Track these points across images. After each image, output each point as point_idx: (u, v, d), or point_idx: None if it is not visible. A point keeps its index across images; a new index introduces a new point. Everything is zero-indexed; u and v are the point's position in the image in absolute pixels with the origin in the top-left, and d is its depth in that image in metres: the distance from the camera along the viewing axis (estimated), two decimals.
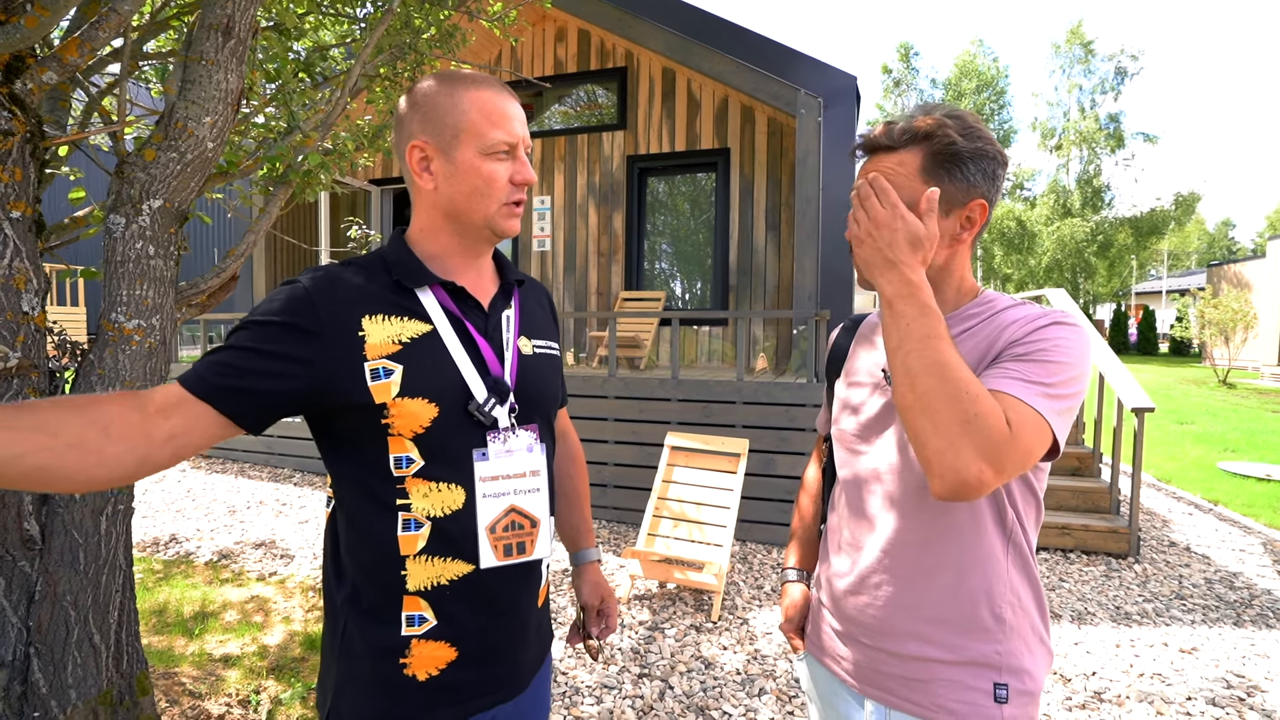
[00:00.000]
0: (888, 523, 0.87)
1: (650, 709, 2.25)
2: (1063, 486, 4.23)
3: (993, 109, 25.30)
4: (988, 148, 0.83)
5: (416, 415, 0.79)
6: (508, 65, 6.75)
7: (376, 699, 0.81)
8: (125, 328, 1.71)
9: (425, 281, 0.85)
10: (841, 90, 4.62)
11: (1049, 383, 0.74)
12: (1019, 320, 0.81)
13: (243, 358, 0.75)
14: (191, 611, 2.78)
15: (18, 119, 1.58)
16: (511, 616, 0.88)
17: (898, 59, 26.07)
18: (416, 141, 0.85)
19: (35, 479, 0.64)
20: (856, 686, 0.90)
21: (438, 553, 0.82)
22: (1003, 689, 0.81)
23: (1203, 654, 2.78)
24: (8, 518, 1.54)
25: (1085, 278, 23.66)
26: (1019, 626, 0.83)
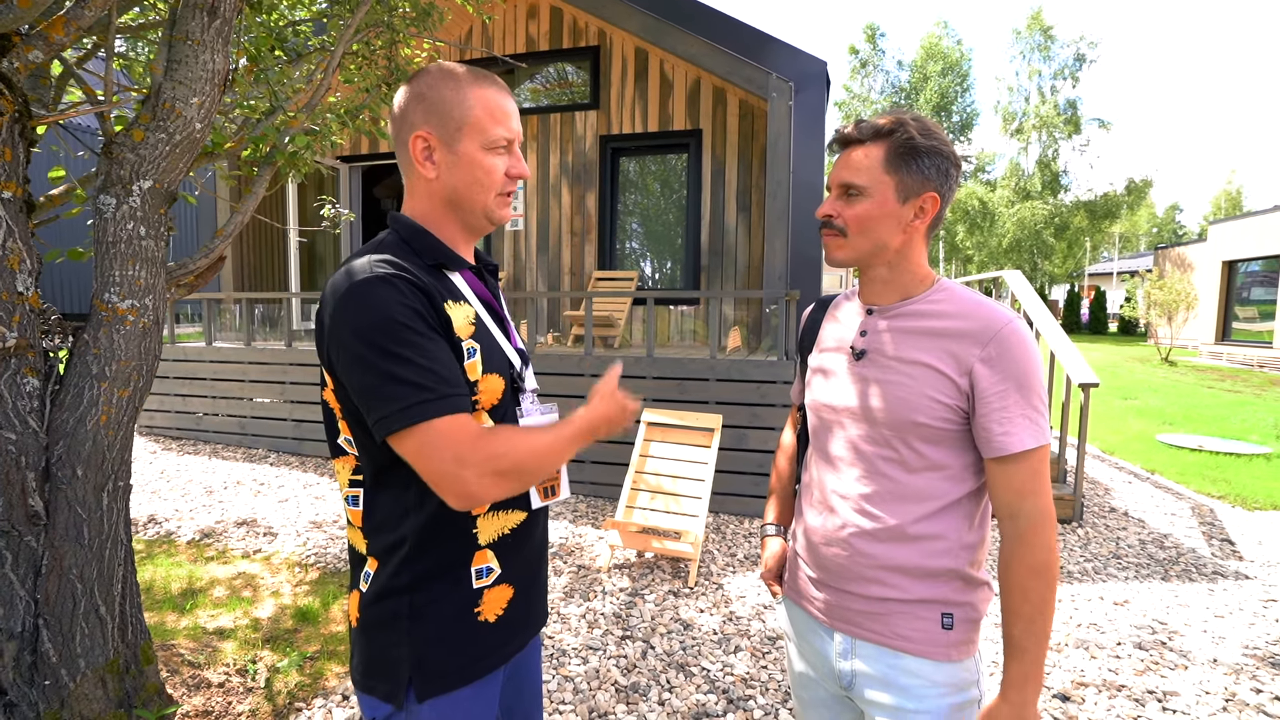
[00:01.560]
0: (855, 485, 1.00)
1: (634, 667, 2.40)
2: None
3: (957, 92, 25.76)
4: (942, 147, 0.95)
5: (494, 389, 0.90)
6: (479, 41, 6.65)
7: (461, 648, 0.90)
8: (119, 308, 1.74)
9: (459, 266, 0.94)
10: (812, 75, 4.72)
11: (1040, 404, 0.91)
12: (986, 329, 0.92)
13: (434, 368, 0.80)
14: (179, 589, 2.82)
15: (6, 98, 1.58)
16: (543, 552, 1.04)
17: (864, 40, 26.27)
18: (420, 132, 0.89)
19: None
20: (827, 622, 1.04)
21: (500, 506, 0.93)
22: (949, 617, 0.96)
23: (1133, 606, 3.06)
24: (13, 494, 1.58)
25: (1043, 258, 24.51)
26: (966, 571, 0.96)
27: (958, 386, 0.92)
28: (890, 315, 1.01)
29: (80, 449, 1.67)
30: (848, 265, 1.02)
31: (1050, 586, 0.88)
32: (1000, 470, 0.92)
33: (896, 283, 1.01)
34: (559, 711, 2.11)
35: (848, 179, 0.97)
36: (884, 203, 0.95)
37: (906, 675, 0.95)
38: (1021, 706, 0.88)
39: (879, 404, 0.97)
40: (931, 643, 0.95)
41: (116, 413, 1.74)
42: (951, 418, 0.93)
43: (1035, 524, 0.89)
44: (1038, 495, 0.90)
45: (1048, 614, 0.88)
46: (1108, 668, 2.50)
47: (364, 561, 0.93)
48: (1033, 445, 0.89)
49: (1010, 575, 0.90)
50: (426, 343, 0.81)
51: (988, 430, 0.91)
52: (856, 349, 1.03)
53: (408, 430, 0.78)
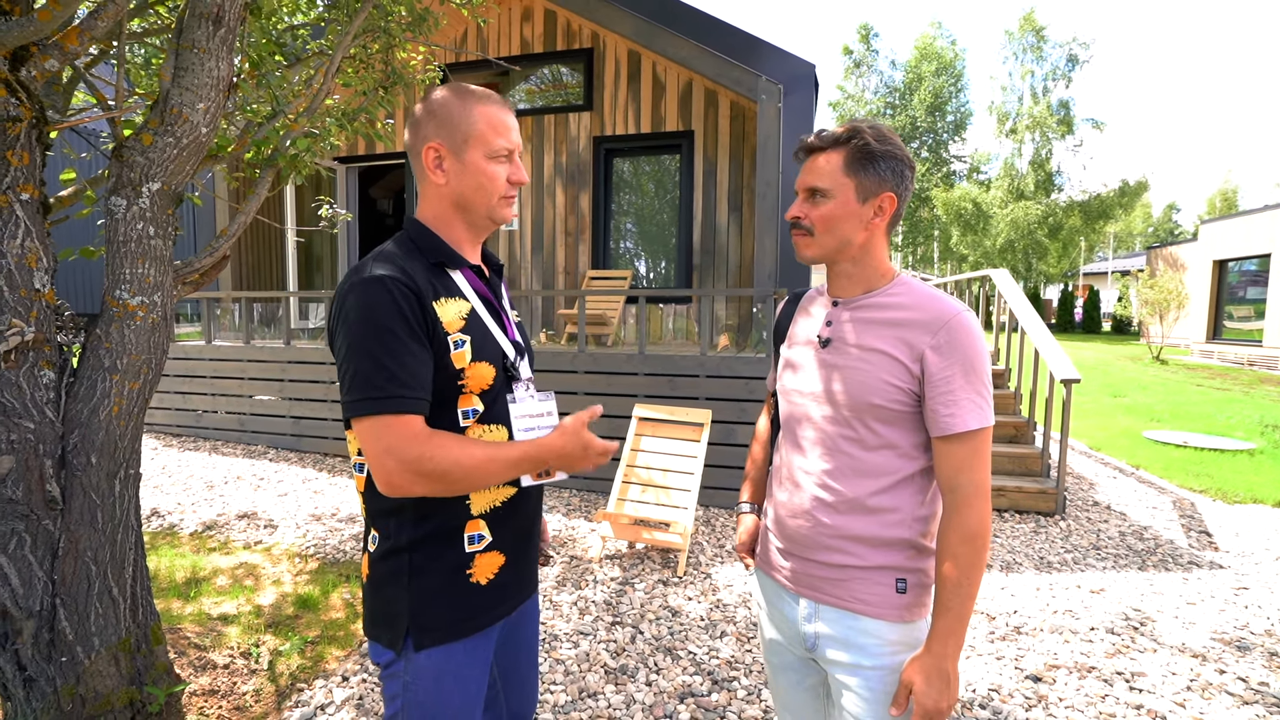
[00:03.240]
0: (818, 462, 1.09)
1: (623, 650, 2.50)
2: (1000, 452, 4.62)
3: (951, 92, 25.92)
4: (896, 151, 1.04)
5: (483, 376, 1.00)
6: (474, 44, 6.73)
7: (454, 606, 1.01)
8: (129, 304, 1.82)
9: (459, 265, 1.04)
10: (801, 77, 4.82)
11: (983, 389, 1.00)
12: (937, 319, 1.01)
13: (397, 363, 0.91)
14: (184, 577, 2.90)
15: (24, 105, 1.66)
16: (533, 526, 1.15)
17: (858, 40, 26.42)
18: (433, 143, 1.02)
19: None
20: (793, 589, 1.13)
21: None
22: (902, 583, 1.05)
23: (1109, 594, 3.16)
24: (32, 480, 1.66)
25: (1038, 258, 24.68)
26: (918, 541, 1.06)
27: (910, 371, 1.02)
28: (853, 307, 1.10)
29: (94, 438, 1.76)
30: (816, 262, 1.11)
31: (978, 554, 0.98)
32: (944, 448, 1.01)
33: (859, 277, 1.10)
34: (550, 691, 2.21)
35: (812, 183, 1.06)
36: (846, 203, 1.04)
37: (864, 635, 1.05)
38: (942, 658, 0.97)
39: (840, 387, 1.06)
40: (886, 605, 1.04)
41: (128, 404, 1.82)
42: (904, 400, 1.02)
43: (969, 496, 0.98)
44: (974, 471, 0.99)
45: (974, 578, 0.97)
46: (1080, 651, 2.60)
47: (370, 525, 1.04)
48: (975, 426, 0.99)
49: (944, 541, 1.00)
50: (400, 346, 0.92)
51: (934, 411, 1.00)
52: (822, 338, 1.12)
53: (359, 419, 0.91)
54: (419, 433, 0.91)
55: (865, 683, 1.04)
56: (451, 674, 1.02)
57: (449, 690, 1.01)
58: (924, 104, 25.57)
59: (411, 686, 1.00)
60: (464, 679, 1.03)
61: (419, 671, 0.99)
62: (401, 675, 1.00)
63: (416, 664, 0.99)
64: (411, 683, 1.00)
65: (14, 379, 1.66)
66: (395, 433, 0.89)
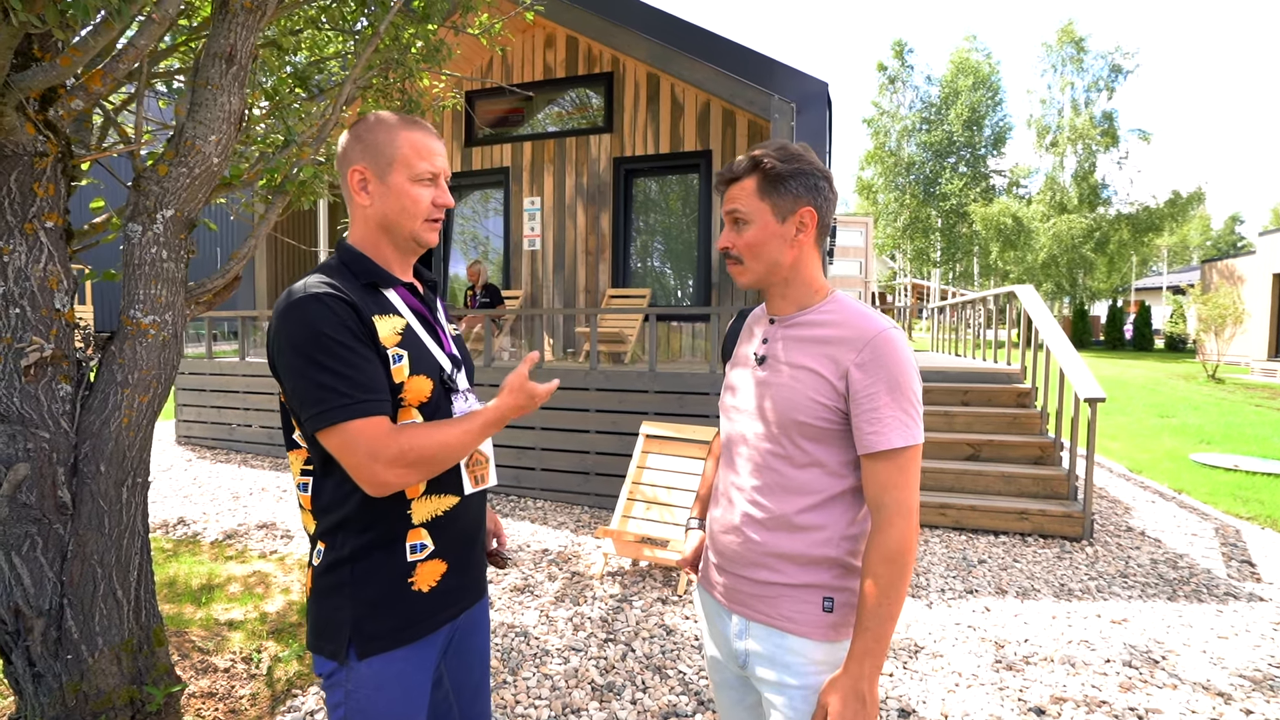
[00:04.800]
0: (749, 478, 1.10)
1: (612, 668, 2.50)
2: (1023, 474, 4.46)
3: (988, 106, 25.42)
4: (805, 167, 1.06)
5: (421, 389, 1.04)
6: (499, 71, 6.97)
7: (396, 614, 1.04)
8: (142, 323, 1.95)
9: (391, 284, 1.09)
10: (813, 95, 4.83)
11: (910, 407, 0.99)
12: (860, 336, 1.02)
13: (357, 377, 0.95)
14: (199, 584, 3.03)
15: (51, 142, 1.82)
16: (476, 534, 1.18)
17: (892, 56, 26.19)
18: (357, 166, 1.06)
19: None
20: (726, 605, 1.13)
21: (433, 491, 1.07)
22: (829, 601, 1.05)
23: (1131, 624, 3.01)
24: (45, 486, 1.79)
25: (1085, 273, 23.80)
26: (846, 560, 1.05)
27: (836, 389, 1.02)
28: (787, 325, 1.11)
29: (104, 448, 1.88)
30: (753, 287, 1.13)
31: (899, 574, 0.97)
32: (870, 466, 1.01)
33: (792, 296, 1.11)
34: (534, 706, 2.22)
35: (731, 209, 1.09)
36: (766, 226, 1.07)
37: (790, 653, 1.05)
38: (859, 679, 0.96)
39: (769, 404, 1.08)
40: (812, 624, 1.04)
41: (137, 416, 1.94)
42: (831, 417, 1.03)
43: (893, 515, 0.98)
44: (899, 490, 0.99)
45: (894, 598, 0.96)
46: (1091, 684, 2.49)
47: (316, 540, 1.07)
48: (900, 444, 0.98)
49: (866, 560, 0.99)
50: (350, 354, 0.96)
51: (859, 429, 1.01)
52: (758, 355, 1.14)
53: (329, 429, 0.94)
54: (390, 430, 0.95)
55: (790, 702, 1.03)
56: (392, 681, 1.04)
57: (390, 697, 1.04)
58: (961, 118, 25.12)
59: (354, 695, 1.02)
60: (406, 686, 1.06)
61: (360, 680, 1.02)
62: (344, 684, 1.02)
63: (358, 673, 1.02)
64: (354, 691, 1.02)
65: (33, 392, 1.80)
66: (370, 435, 0.93)
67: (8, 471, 1.75)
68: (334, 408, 0.93)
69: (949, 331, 9.28)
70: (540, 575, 3.38)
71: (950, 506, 4.31)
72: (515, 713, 2.19)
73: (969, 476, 4.52)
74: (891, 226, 26.78)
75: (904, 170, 26.17)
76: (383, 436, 0.94)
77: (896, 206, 26.40)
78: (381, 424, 0.95)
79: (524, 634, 2.74)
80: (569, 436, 4.81)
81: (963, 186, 25.20)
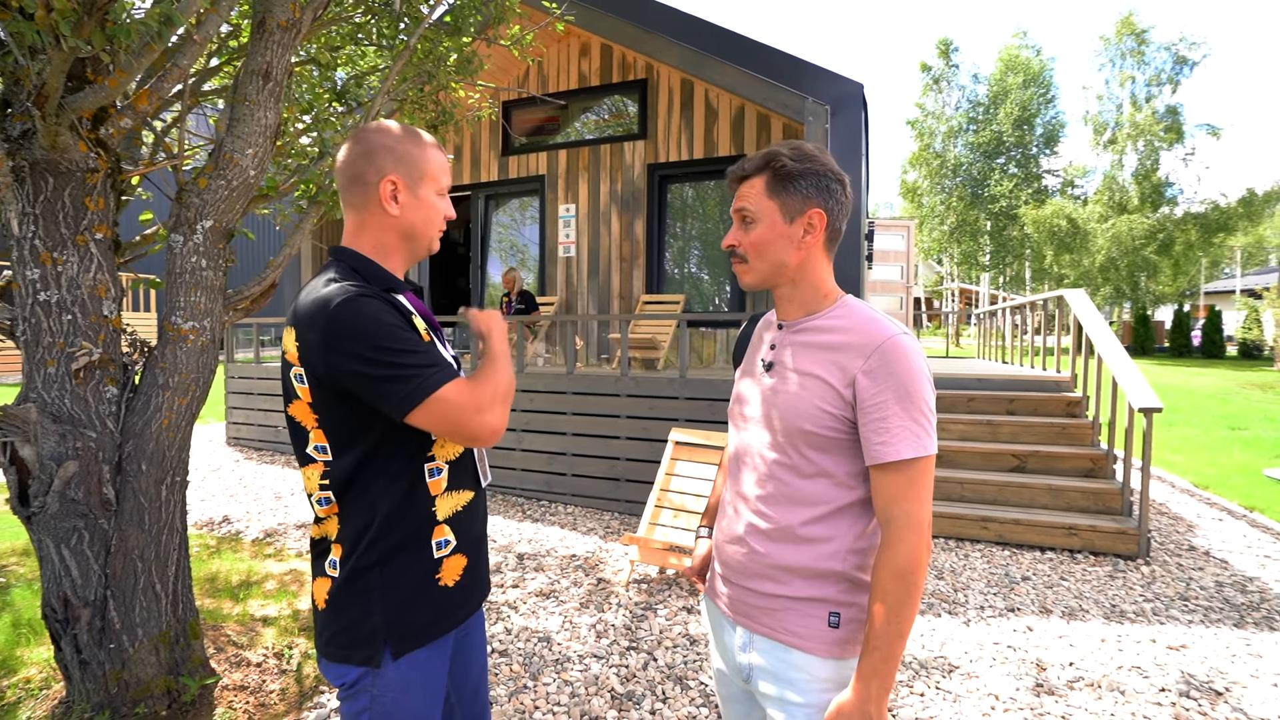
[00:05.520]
0: (754, 488, 1.08)
1: (633, 676, 2.47)
2: (1072, 487, 4.25)
3: (1040, 104, 24.49)
4: (816, 167, 1.03)
5: None
6: (535, 81, 7.09)
7: (425, 609, 1.06)
8: (182, 328, 2.04)
9: (401, 290, 1.11)
10: (848, 97, 4.74)
11: (921, 416, 0.95)
12: (869, 342, 0.98)
13: (427, 354, 1.01)
14: (238, 580, 3.15)
15: (102, 158, 1.93)
16: (485, 529, 1.21)
17: (937, 55, 25.51)
18: (391, 176, 1.06)
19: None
20: (731, 616, 1.11)
21: (454, 487, 1.10)
22: (836, 616, 1.01)
23: (1191, 651, 2.82)
24: (91, 483, 1.88)
25: (1147, 277, 22.58)
26: (854, 575, 1.01)
27: (843, 397, 0.98)
28: (795, 330, 1.08)
29: (146, 448, 1.97)
30: (757, 288, 1.11)
31: (909, 591, 0.92)
32: (879, 477, 0.97)
33: (799, 299, 1.08)
34: (552, 713, 2.22)
35: (739, 207, 1.07)
36: (773, 225, 1.04)
37: (794, 669, 1.01)
38: (865, 700, 0.91)
39: (775, 412, 1.05)
40: (818, 640, 1.00)
41: (176, 417, 2.03)
42: (838, 426, 0.99)
43: (902, 530, 0.93)
44: (909, 502, 0.94)
45: (903, 616, 0.92)
46: (1142, 714, 2.33)
47: (329, 550, 1.05)
48: (909, 455, 0.94)
49: (875, 576, 0.95)
50: (409, 337, 1.00)
51: (867, 439, 0.97)
52: (766, 361, 1.11)
53: (423, 405, 0.96)
54: (471, 384, 1.04)
55: (793, 719, 0.99)
56: (418, 681, 1.05)
57: (416, 697, 1.05)
58: (1010, 117, 24.26)
59: (379, 700, 1.02)
60: (428, 684, 1.07)
61: (387, 684, 1.02)
62: (369, 689, 1.02)
63: (385, 677, 1.02)
64: (379, 695, 1.02)
65: (82, 394, 1.90)
66: (464, 394, 1.00)
67: (58, 468, 1.85)
68: (421, 384, 0.97)
69: (996, 338, 8.94)
70: (566, 581, 3.39)
71: (992, 520, 4.14)
72: (533, 719, 2.19)
73: (1013, 489, 4.33)
74: (938, 230, 26.02)
75: (950, 172, 25.42)
76: (473, 392, 1.02)
77: (943, 209, 25.64)
78: (464, 384, 1.02)
79: (546, 639, 2.74)
80: (599, 443, 4.82)
81: (1013, 188, 24.30)
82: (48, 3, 1.50)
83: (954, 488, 4.42)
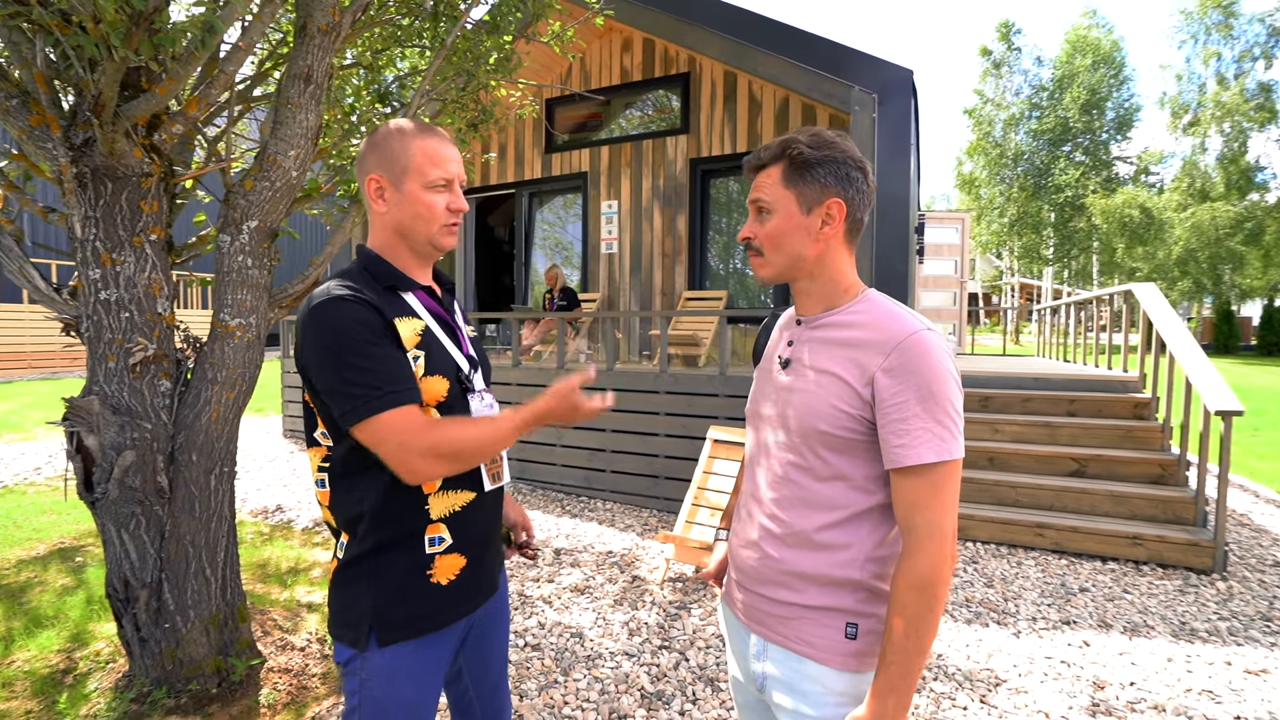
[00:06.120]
0: (768, 490, 1.03)
1: (664, 676, 2.45)
2: (1138, 494, 3.98)
3: (1111, 86, 23.02)
4: (835, 154, 0.97)
5: (436, 389, 1.07)
6: (577, 77, 7.12)
7: (415, 604, 1.07)
8: (229, 325, 2.13)
9: (409, 287, 1.12)
10: (896, 84, 4.56)
11: (945, 417, 0.89)
12: (889, 339, 0.93)
13: (384, 372, 0.98)
14: (287, 567, 3.29)
15: (155, 163, 2.02)
16: (494, 530, 1.20)
17: (998, 39, 24.29)
18: (373, 175, 1.08)
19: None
20: (745, 623, 1.07)
21: (450, 487, 1.09)
22: (853, 627, 0.96)
23: (1273, 678, 2.60)
24: (147, 472, 1.99)
25: (1232, 269, 20.95)
26: (872, 584, 0.96)
27: (860, 396, 0.93)
28: (814, 326, 1.04)
29: (196, 439, 2.07)
30: (772, 282, 1.07)
31: (929, 605, 0.86)
32: (899, 482, 0.91)
33: (818, 294, 1.03)
34: (581, 709, 2.22)
35: (755, 197, 1.02)
36: (789, 216, 0.99)
37: (808, 681, 0.97)
38: (880, 718, 0.86)
39: (791, 411, 1.00)
40: (833, 651, 0.96)
41: (224, 411, 2.12)
42: (855, 427, 0.94)
43: (923, 539, 0.88)
44: (931, 510, 0.88)
45: (922, 631, 0.86)
46: None
47: (339, 534, 1.11)
48: (932, 460, 0.88)
49: (894, 587, 0.89)
50: (376, 349, 0.99)
51: (886, 441, 0.91)
52: (783, 358, 1.07)
53: (362, 423, 0.97)
54: (422, 422, 0.98)
55: None
56: (404, 673, 1.07)
57: (401, 688, 1.07)
58: (1078, 102, 22.89)
59: (367, 684, 1.05)
60: (417, 678, 1.08)
61: (374, 670, 1.05)
62: (359, 673, 1.06)
63: (372, 663, 1.05)
64: (368, 680, 1.05)
65: (138, 387, 2.01)
66: (400, 426, 0.96)
67: (118, 457, 1.96)
68: (366, 402, 0.96)
69: (1060, 335, 8.47)
70: (600, 577, 3.39)
71: (1048, 526, 3.92)
72: (562, 714, 2.20)
73: (1071, 494, 4.09)
74: (997, 222, 24.85)
75: (1011, 162, 24.21)
76: (414, 427, 0.97)
77: (1003, 201, 24.46)
78: (410, 413, 0.98)
79: (579, 635, 2.75)
80: (638, 439, 4.81)
81: (1079, 176, 22.95)
82: (96, 16, 1.57)
83: (1007, 492, 4.21)
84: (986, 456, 4.46)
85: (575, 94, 6.13)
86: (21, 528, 3.87)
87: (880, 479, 0.95)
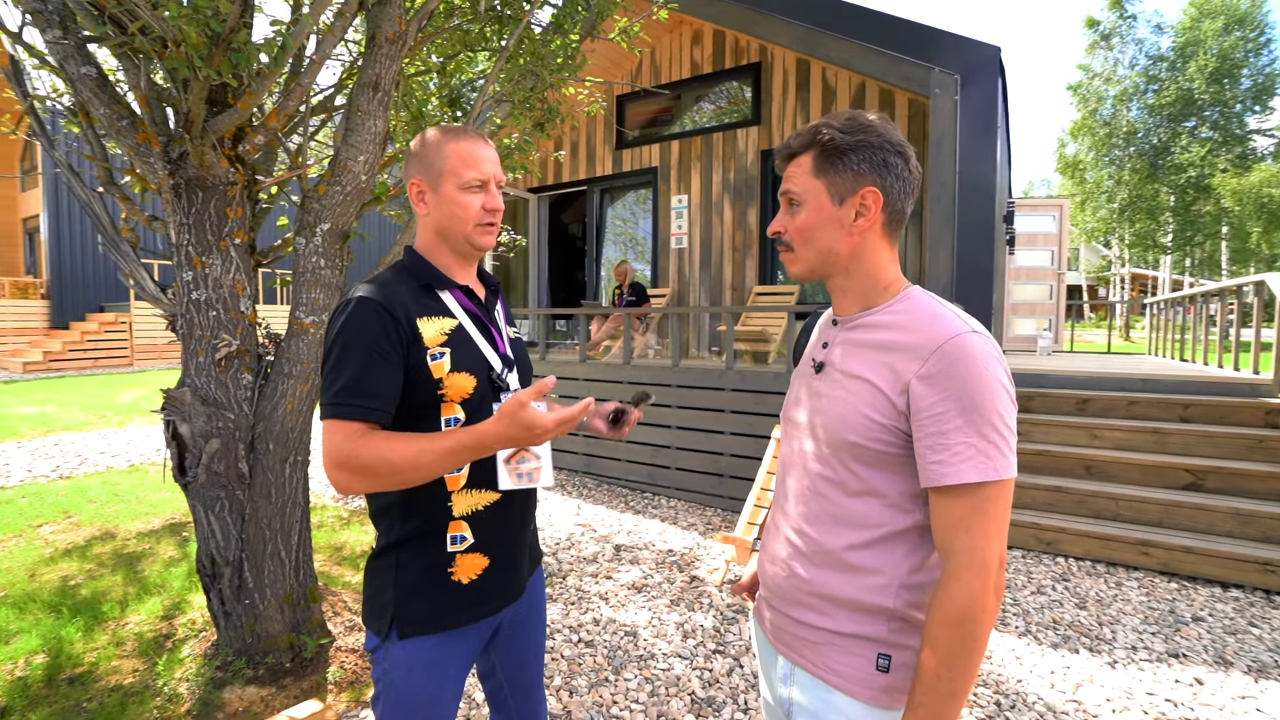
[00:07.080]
0: (796, 505, 0.97)
1: (715, 681, 2.40)
2: (1270, 514, 3.51)
3: (1246, 52, 20.45)
4: (871, 139, 0.89)
5: (462, 386, 1.08)
6: (648, 73, 7.09)
7: (434, 600, 1.10)
8: (304, 323, 2.26)
9: (446, 286, 1.14)
10: (981, 63, 4.23)
11: (992, 432, 0.79)
12: (928, 342, 0.83)
13: (357, 374, 1.01)
14: (361, 551, 3.48)
15: (240, 172, 2.17)
16: (521, 532, 1.19)
17: (1108, 7, 22.08)
18: (414, 180, 1.13)
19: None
20: (773, 643, 1.00)
21: (474, 485, 1.10)
22: (885, 659, 0.87)
23: None
24: (230, 459, 2.15)
25: None
26: (907, 614, 0.87)
27: (894, 405, 0.85)
28: (850, 327, 0.96)
29: (273, 429, 2.21)
30: (805, 279, 1.00)
31: (965, 643, 0.77)
32: (937, 502, 0.82)
33: (855, 291, 0.95)
34: (629, 709, 2.21)
35: (785, 188, 0.96)
36: (820, 208, 0.92)
37: (835, 713, 0.89)
38: None
39: (821, 419, 0.93)
40: (863, 683, 0.88)
41: (298, 403, 2.26)
42: (888, 439, 0.86)
43: (961, 567, 0.79)
44: (973, 535, 0.79)
45: (958, 672, 0.77)
46: None
47: (379, 525, 1.14)
48: (974, 479, 0.79)
49: (928, 619, 0.80)
50: (365, 359, 1.01)
51: (922, 456, 0.82)
52: (817, 361, 1.00)
53: (324, 422, 1.02)
54: (353, 433, 0.98)
55: None
56: (424, 666, 1.09)
57: (420, 680, 1.09)
58: (1204, 71, 20.49)
59: (390, 673, 1.09)
60: (436, 672, 1.10)
61: (395, 661, 1.09)
62: (383, 661, 1.10)
63: (393, 653, 1.08)
64: (390, 669, 1.09)
65: (224, 380, 2.17)
66: (337, 435, 0.98)
67: (206, 444, 2.13)
68: (327, 404, 1.00)
69: (1177, 331, 7.63)
70: (659, 576, 3.37)
71: (1154, 545, 3.53)
72: (610, 713, 2.19)
73: (1185, 510, 3.67)
74: (1105, 208, 22.71)
75: (1122, 141, 22.02)
76: (340, 439, 0.97)
77: (1112, 184, 22.32)
78: (347, 428, 0.98)
79: (633, 634, 2.74)
80: (704, 437, 4.75)
81: (1206, 154, 20.56)
82: (177, 40, 1.69)
83: (1106, 504, 3.84)
84: (1083, 464, 4.09)
85: (644, 90, 6.11)
86: (142, 503, 4.31)
87: (918, 497, 0.87)
